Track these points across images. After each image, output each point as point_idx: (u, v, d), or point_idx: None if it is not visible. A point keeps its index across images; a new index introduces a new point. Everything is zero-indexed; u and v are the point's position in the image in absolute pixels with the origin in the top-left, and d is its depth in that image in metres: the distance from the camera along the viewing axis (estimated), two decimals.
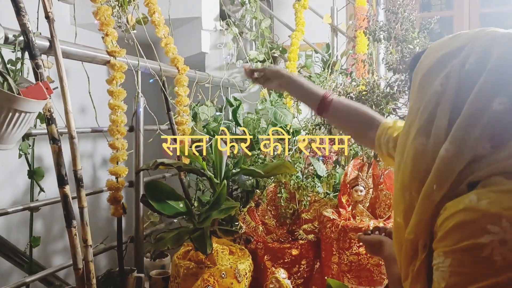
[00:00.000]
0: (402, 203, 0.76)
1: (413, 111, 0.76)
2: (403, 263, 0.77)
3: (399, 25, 1.76)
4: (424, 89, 0.74)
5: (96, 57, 1.72)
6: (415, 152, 0.73)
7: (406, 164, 0.75)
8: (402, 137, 0.79)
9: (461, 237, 0.62)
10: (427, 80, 0.74)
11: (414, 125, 0.74)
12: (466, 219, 0.63)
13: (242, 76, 3.08)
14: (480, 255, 0.60)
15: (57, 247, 2.78)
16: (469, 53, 0.69)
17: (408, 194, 0.74)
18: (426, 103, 0.73)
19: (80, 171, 1.51)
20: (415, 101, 0.76)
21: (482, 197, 0.63)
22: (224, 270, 1.54)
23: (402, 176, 0.76)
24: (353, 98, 1.73)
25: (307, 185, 1.93)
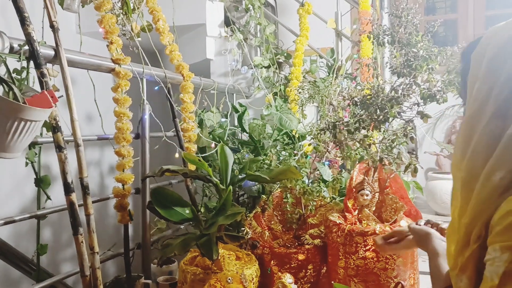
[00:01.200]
0: (464, 194, 0.71)
1: (481, 95, 0.71)
2: (454, 253, 0.74)
3: (402, 28, 1.76)
4: (497, 69, 0.69)
5: (101, 65, 1.74)
6: (490, 136, 0.67)
7: (478, 150, 0.69)
8: (468, 124, 0.73)
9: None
10: (498, 60, 0.69)
11: (486, 108, 0.69)
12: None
13: (247, 82, 3.09)
14: None
15: (66, 255, 2.79)
16: None
17: (476, 182, 0.69)
18: (502, 84, 0.68)
19: (86, 179, 1.52)
20: (483, 82, 0.71)
21: None
22: (230, 276, 1.54)
23: (472, 164, 0.70)
24: (358, 102, 1.72)
25: (312, 190, 1.93)
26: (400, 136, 1.74)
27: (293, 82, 2.80)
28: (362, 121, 1.68)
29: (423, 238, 1.07)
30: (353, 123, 1.72)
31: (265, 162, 2.12)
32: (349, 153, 1.98)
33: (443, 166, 3.55)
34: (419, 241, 1.11)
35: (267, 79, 2.96)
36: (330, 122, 1.81)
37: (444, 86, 1.63)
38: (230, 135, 2.70)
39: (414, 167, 1.71)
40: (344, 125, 1.77)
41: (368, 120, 1.68)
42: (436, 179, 3.05)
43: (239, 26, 3.14)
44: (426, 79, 1.64)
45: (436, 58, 1.65)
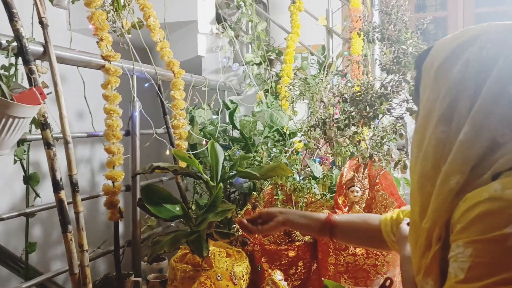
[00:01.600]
0: (420, 197, 0.75)
1: (429, 102, 0.76)
2: (416, 257, 0.76)
3: (392, 26, 1.77)
4: (442, 79, 0.74)
5: (91, 62, 1.73)
6: (437, 141, 0.72)
7: (427, 154, 0.74)
8: (419, 129, 0.78)
9: (484, 228, 0.61)
10: (444, 70, 0.74)
11: (433, 115, 0.74)
12: (491, 209, 0.61)
13: (238, 79, 3.09)
14: (505, 244, 0.59)
15: (56, 253, 2.78)
16: (486, 40, 0.71)
17: (430, 184, 0.73)
18: (445, 91, 0.73)
19: (76, 176, 1.51)
20: (431, 91, 0.76)
21: (507, 185, 0.62)
22: (220, 273, 1.54)
23: (422, 168, 0.75)
24: (347, 99, 1.73)
25: (303, 187, 1.93)
26: (390, 132, 1.75)
27: (284, 79, 2.81)
28: (351, 118, 1.69)
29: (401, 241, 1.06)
30: (343, 119, 1.73)
31: (256, 159, 2.12)
32: (339, 150, 1.99)
33: None
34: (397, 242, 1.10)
35: (258, 76, 2.96)
36: (320, 119, 1.82)
37: None
38: (221, 132, 2.69)
39: (403, 164, 1.73)
40: (334, 122, 1.78)
41: (358, 117, 1.68)
42: None
43: (231, 23, 3.13)
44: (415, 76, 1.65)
45: None
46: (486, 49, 0.70)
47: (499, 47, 0.69)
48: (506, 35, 0.70)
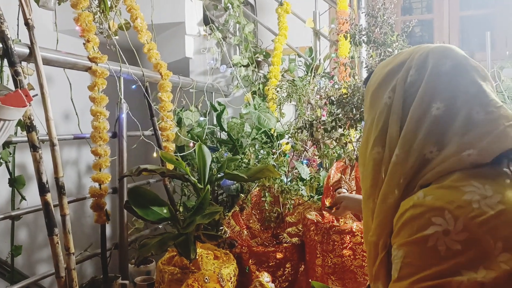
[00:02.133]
0: (365, 212, 0.83)
1: (367, 124, 0.84)
2: (369, 266, 0.83)
3: (378, 28, 1.78)
4: (375, 103, 0.82)
5: (77, 64, 1.72)
6: (374, 162, 0.80)
7: (367, 173, 0.81)
8: (362, 149, 0.85)
9: (411, 231, 0.68)
10: (377, 94, 0.82)
11: (370, 137, 0.81)
12: (414, 214, 0.69)
13: (226, 81, 3.09)
14: (426, 245, 0.65)
15: (42, 256, 2.75)
16: (410, 66, 0.79)
17: (372, 201, 0.80)
18: (378, 115, 0.80)
19: (62, 179, 1.50)
20: (368, 114, 0.84)
21: (427, 193, 0.69)
22: (207, 275, 1.54)
23: (364, 186, 0.82)
24: (334, 101, 1.74)
25: (290, 189, 1.94)
26: None
27: (271, 81, 2.81)
28: (338, 120, 1.70)
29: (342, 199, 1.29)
30: (329, 122, 1.74)
31: (243, 161, 2.12)
32: (326, 152, 2.00)
33: None
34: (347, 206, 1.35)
35: (246, 78, 2.96)
36: (307, 121, 1.82)
37: None
38: (209, 134, 2.69)
39: None
40: (321, 124, 1.79)
41: (344, 119, 1.70)
42: None
43: (218, 24, 3.13)
44: None
45: None
46: (410, 75, 0.77)
47: (420, 73, 0.76)
48: (426, 60, 0.77)
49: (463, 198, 0.66)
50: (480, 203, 0.65)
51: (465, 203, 0.65)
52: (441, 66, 0.76)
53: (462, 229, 0.63)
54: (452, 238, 0.64)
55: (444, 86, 0.74)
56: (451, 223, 0.64)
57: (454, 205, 0.65)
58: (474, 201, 0.65)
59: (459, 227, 0.64)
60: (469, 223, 0.64)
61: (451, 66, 0.75)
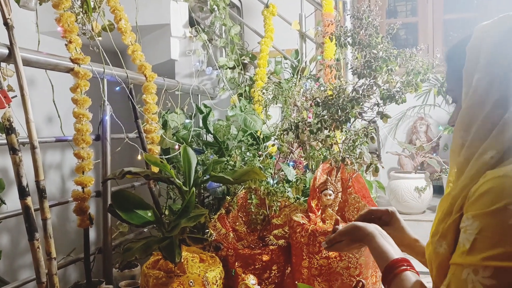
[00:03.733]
0: (461, 176, 0.76)
1: (481, 85, 0.74)
2: (438, 219, 0.79)
3: (363, 30, 1.79)
4: (497, 62, 0.74)
5: (59, 65, 1.69)
6: (493, 126, 0.72)
7: (478, 138, 0.74)
8: (468, 113, 0.76)
9: (491, 201, 0.64)
10: (498, 52, 0.74)
11: (489, 98, 0.73)
12: (500, 184, 0.64)
13: (212, 83, 3.07)
14: (508, 221, 0.61)
15: (24, 261, 2.70)
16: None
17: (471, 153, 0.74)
18: (503, 75, 0.72)
19: (43, 182, 1.47)
20: (484, 75, 0.75)
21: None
22: (192, 278, 1.52)
23: (470, 152, 0.74)
24: (320, 103, 1.74)
25: (276, 191, 1.93)
26: (362, 136, 1.77)
27: (258, 83, 2.81)
28: (324, 122, 1.70)
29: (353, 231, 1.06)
30: (315, 123, 1.73)
31: (229, 163, 2.11)
32: (312, 153, 1.99)
33: (405, 166, 3.64)
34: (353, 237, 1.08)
35: (232, 80, 2.95)
36: (293, 123, 1.82)
37: (403, 87, 1.66)
38: (195, 136, 2.67)
39: (375, 167, 1.74)
40: (307, 126, 1.78)
41: (330, 121, 1.69)
42: (398, 178, 3.11)
43: (204, 26, 3.12)
44: (386, 80, 1.67)
45: (395, 60, 1.69)
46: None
47: None
48: None
49: None
50: None
51: None
52: None
53: None
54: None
55: None
56: None
57: None
58: None
59: None
60: None
61: None
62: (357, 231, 1.06)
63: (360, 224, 1.07)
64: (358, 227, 1.06)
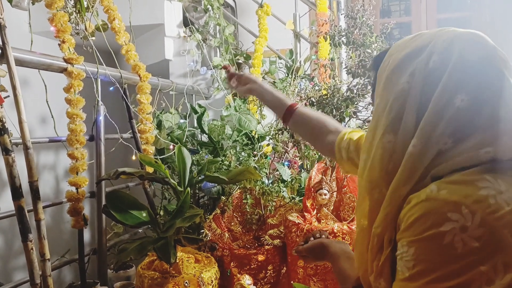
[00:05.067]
0: (368, 202, 0.77)
1: (379, 109, 0.76)
2: (369, 259, 0.78)
3: (357, 30, 1.79)
4: (390, 87, 0.75)
5: (52, 65, 1.67)
6: (383, 150, 0.74)
7: (374, 162, 0.75)
8: (369, 136, 0.79)
9: (424, 227, 0.64)
10: (393, 78, 0.75)
11: (381, 123, 0.75)
12: (428, 209, 0.64)
13: (206, 83, 3.07)
14: (442, 242, 0.61)
15: (18, 263, 2.68)
16: (432, 52, 0.72)
17: (378, 191, 0.75)
18: (392, 101, 0.74)
19: (37, 183, 1.46)
20: (381, 99, 0.77)
21: (442, 186, 0.65)
22: (188, 279, 1.52)
23: (370, 175, 0.76)
24: (314, 102, 1.74)
25: (272, 190, 1.93)
26: None
27: None
28: None
29: (319, 249, 1.09)
30: None
31: (224, 163, 2.10)
32: (307, 153, 1.99)
33: None
34: (317, 256, 1.11)
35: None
36: None
37: None
38: (189, 137, 2.67)
39: None
40: None
41: None
42: None
43: (198, 26, 3.11)
44: None
45: None
46: (432, 61, 0.71)
47: (444, 60, 0.70)
48: (452, 46, 0.70)
49: (479, 193, 0.63)
50: (496, 198, 0.62)
51: (481, 197, 0.62)
52: (468, 55, 0.69)
53: (479, 225, 0.60)
54: (469, 234, 0.60)
55: (471, 77, 0.68)
56: (469, 218, 0.61)
57: (470, 200, 0.62)
58: (491, 196, 0.62)
59: (476, 222, 0.60)
60: (486, 218, 0.61)
61: (479, 57, 0.69)
62: (322, 249, 1.09)
63: (326, 242, 1.09)
64: (324, 245, 1.08)
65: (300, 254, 1.17)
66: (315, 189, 1.88)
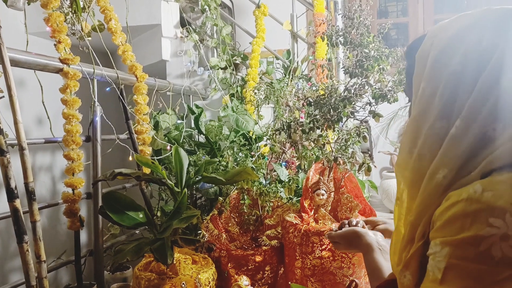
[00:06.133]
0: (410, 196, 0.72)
1: (425, 96, 0.71)
2: (398, 248, 0.75)
3: (355, 30, 1.79)
4: (439, 71, 0.70)
5: (48, 65, 1.66)
6: (436, 137, 0.68)
7: (424, 151, 0.70)
8: (414, 125, 0.73)
9: (460, 228, 0.59)
10: (442, 61, 0.70)
11: (431, 109, 0.69)
12: (467, 210, 0.60)
13: (203, 84, 3.06)
14: (478, 248, 0.57)
15: (14, 264, 2.67)
16: (484, 30, 0.67)
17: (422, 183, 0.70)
18: (445, 84, 0.69)
19: (32, 184, 1.45)
20: (427, 84, 0.71)
21: (487, 188, 0.60)
22: (185, 280, 1.51)
23: (419, 165, 0.70)
24: (312, 103, 1.73)
25: (269, 191, 1.93)
26: (354, 135, 1.77)
27: (249, 83, 2.80)
28: (316, 121, 1.69)
29: (352, 238, 1.06)
30: (307, 123, 1.73)
31: (222, 164, 2.10)
32: (304, 153, 1.99)
33: None
34: (350, 244, 1.08)
35: (223, 80, 2.94)
36: (285, 123, 1.81)
37: (394, 86, 1.66)
38: (187, 137, 2.66)
39: (367, 166, 1.74)
40: (299, 125, 1.78)
41: (322, 120, 1.69)
42: (390, 178, 3.12)
43: (195, 27, 3.10)
44: (377, 79, 1.67)
45: (387, 59, 1.69)
46: (485, 39, 0.66)
47: (497, 38, 0.65)
48: (505, 23, 0.66)
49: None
50: None
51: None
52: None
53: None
54: (510, 244, 0.55)
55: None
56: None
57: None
58: None
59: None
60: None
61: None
62: (356, 238, 1.06)
63: (361, 232, 1.05)
64: (358, 234, 1.05)
65: (332, 240, 1.13)
66: (312, 189, 1.88)
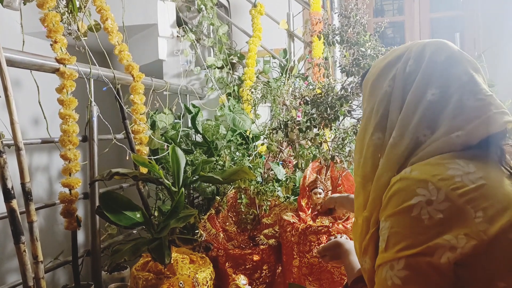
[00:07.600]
0: (363, 194, 0.86)
1: (366, 113, 0.88)
2: (357, 241, 0.87)
3: (351, 28, 1.79)
4: (375, 92, 0.87)
5: (44, 65, 1.66)
6: (374, 147, 0.84)
7: (367, 158, 0.85)
8: (360, 138, 0.89)
9: (397, 202, 0.73)
10: (377, 84, 0.88)
11: (370, 124, 0.86)
12: (400, 187, 0.74)
13: (200, 83, 3.06)
14: (410, 215, 0.70)
15: (12, 265, 2.66)
16: (408, 58, 0.85)
17: (370, 184, 0.84)
18: (378, 103, 0.85)
19: (29, 184, 1.45)
20: (368, 103, 0.89)
21: (414, 168, 0.75)
22: (182, 280, 1.51)
23: (363, 171, 0.86)
24: (308, 102, 1.73)
25: (266, 190, 1.93)
26: (351, 134, 1.77)
27: (246, 82, 2.80)
28: (313, 120, 1.70)
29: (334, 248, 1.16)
30: (304, 122, 1.73)
31: (219, 163, 2.10)
32: (301, 152, 1.99)
33: None
34: (334, 253, 1.18)
35: (220, 79, 2.94)
36: (282, 122, 1.81)
37: None
38: (184, 137, 2.65)
39: None
40: (296, 124, 1.78)
41: (319, 119, 1.69)
42: None
43: (192, 26, 3.10)
44: None
45: None
46: (409, 65, 0.83)
47: (418, 63, 0.83)
48: (423, 52, 0.83)
49: (446, 173, 0.71)
50: (462, 178, 0.70)
51: (448, 176, 0.70)
52: (437, 56, 0.82)
53: (444, 199, 0.68)
54: (434, 207, 0.68)
55: (439, 74, 0.80)
56: (434, 193, 0.69)
57: (437, 178, 0.70)
58: (457, 176, 0.70)
59: (441, 197, 0.68)
60: (450, 193, 0.68)
61: (446, 56, 0.81)
62: (337, 248, 1.17)
63: (341, 241, 1.17)
64: (339, 244, 1.17)
65: (320, 254, 1.24)
66: (309, 188, 1.88)
